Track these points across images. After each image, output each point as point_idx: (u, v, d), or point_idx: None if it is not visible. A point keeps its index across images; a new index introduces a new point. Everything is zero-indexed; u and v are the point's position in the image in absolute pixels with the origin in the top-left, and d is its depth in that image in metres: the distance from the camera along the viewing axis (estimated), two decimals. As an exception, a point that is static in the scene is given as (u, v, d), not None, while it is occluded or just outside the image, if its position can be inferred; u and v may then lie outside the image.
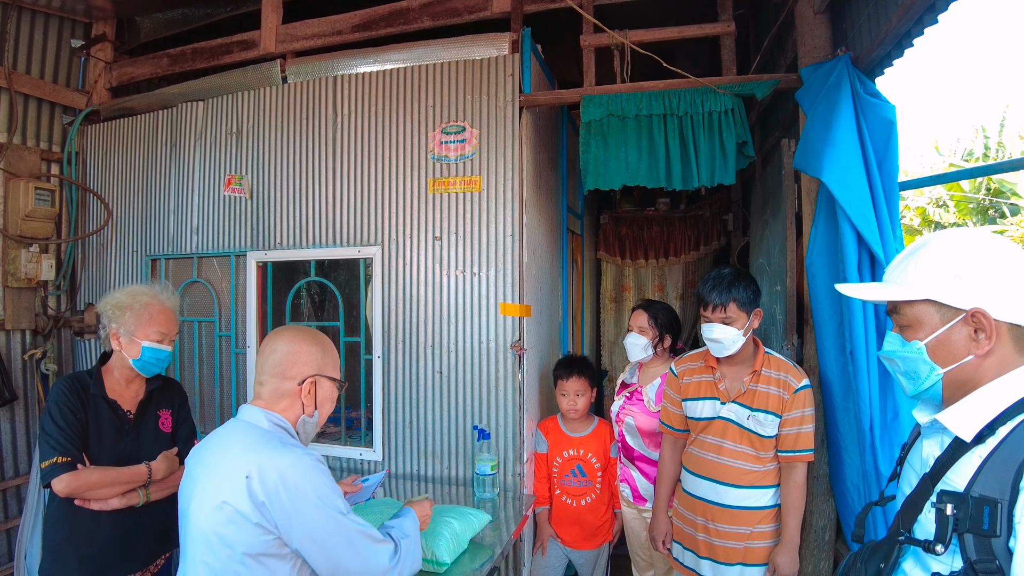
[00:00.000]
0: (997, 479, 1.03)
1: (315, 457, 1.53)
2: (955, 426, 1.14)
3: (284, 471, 1.44)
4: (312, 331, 1.76)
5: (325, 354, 1.70)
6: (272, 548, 1.45)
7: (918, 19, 2.18)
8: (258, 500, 1.42)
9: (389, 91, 3.16)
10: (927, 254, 1.19)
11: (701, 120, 2.72)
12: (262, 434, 1.54)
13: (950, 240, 1.20)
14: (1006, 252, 1.15)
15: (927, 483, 1.17)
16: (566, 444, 3.05)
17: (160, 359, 2.27)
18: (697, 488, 2.49)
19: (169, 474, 2.29)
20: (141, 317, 2.22)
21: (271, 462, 1.44)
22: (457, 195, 2.98)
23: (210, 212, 3.55)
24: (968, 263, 1.15)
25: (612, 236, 5.39)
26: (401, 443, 3.07)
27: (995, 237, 1.22)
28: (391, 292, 3.07)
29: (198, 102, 3.66)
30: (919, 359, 1.19)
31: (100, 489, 2.11)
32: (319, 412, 1.69)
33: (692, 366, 2.57)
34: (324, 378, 1.69)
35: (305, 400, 1.64)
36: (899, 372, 1.27)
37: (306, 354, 1.66)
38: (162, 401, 2.40)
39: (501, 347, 2.91)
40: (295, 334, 1.70)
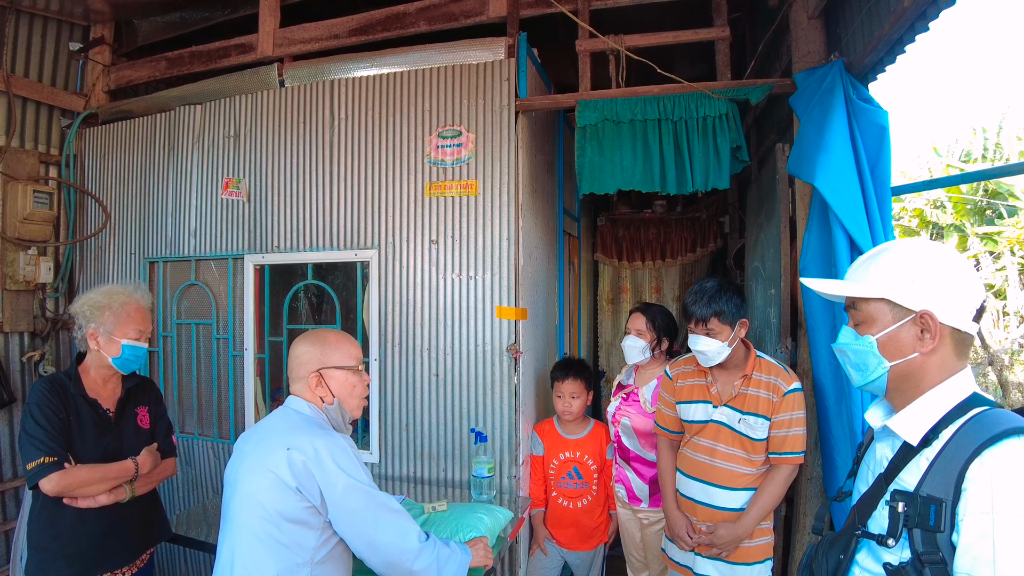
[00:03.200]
0: (942, 481, 1.13)
1: (348, 441, 1.75)
2: (903, 431, 1.25)
3: (319, 447, 1.65)
4: (317, 333, 1.93)
5: (326, 349, 1.85)
6: (306, 516, 1.64)
7: (910, 26, 2.19)
8: (297, 469, 1.62)
9: (386, 95, 3.18)
10: (887, 258, 1.30)
11: (696, 125, 2.74)
12: (303, 419, 1.77)
13: (908, 247, 1.30)
14: (956, 263, 1.26)
15: (881, 482, 1.28)
16: (562, 446, 3.07)
17: (139, 356, 2.33)
18: (689, 490, 2.50)
19: (154, 468, 2.36)
20: (120, 316, 2.28)
21: (308, 439, 1.66)
22: (453, 199, 2.99)
23: (208, 215, 3.56)
24: (922, 269, 1.25)
25: (610, 238, 5.40)
26: (398, 445, 3.08)
27: (948, 249, 1.36)
28: (388, 295, 3.09)
29: (196, 105, 3.67)
30: (869, 352, 1.29)
31: (89, 486, 2.16)
32: (342, 400, 1.85)
33: (686, 369, 2.58)
34: (331, 369, 1.83)
35: (318, 392, 1.82)
36: (849, 364, 1.36)
37: (305, 355, 1.84)
38: (139, 399, 2.45)
39: (497, 350, 2.92)
40: (298, 340, 1.90)
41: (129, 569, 2.35)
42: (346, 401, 1.86)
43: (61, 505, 2.15)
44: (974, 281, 1.26)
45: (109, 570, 2.28)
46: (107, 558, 2.27)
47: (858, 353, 1.32)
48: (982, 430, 1.13)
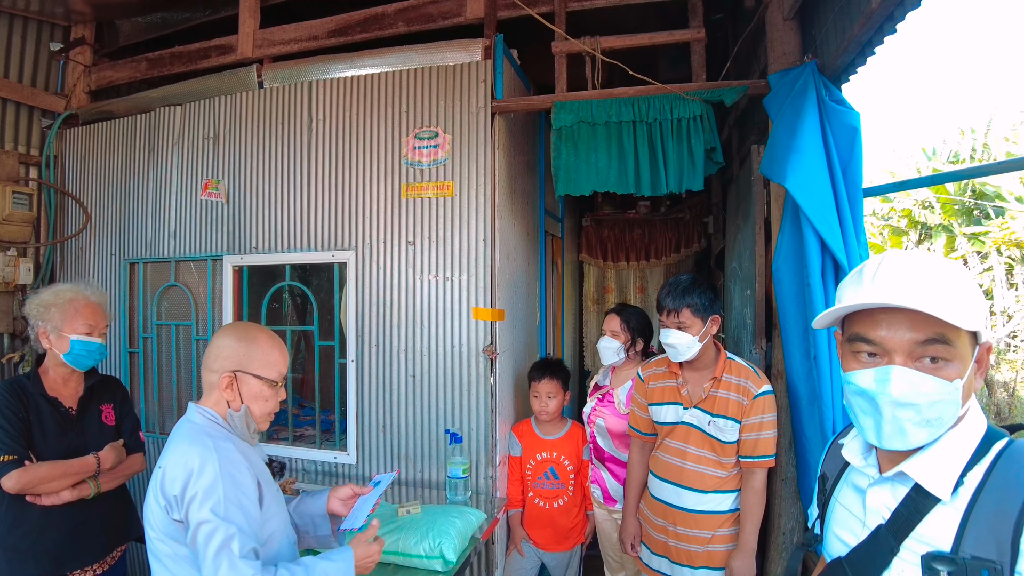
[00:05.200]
0: (991, 539, 0.96)
1: (238, 453, 1.60)
2: (930, 483, 1.05)
3: (188, 464, 1.50)
4: (248, 328, 1.78)
5: (251, 351, 1.69)
6: (178, 533, 1.53)
7: (878, 28, 2.20)
8: (165, 489, 1.51)
9: (364, 96, 3.18)
10: (961, 280, 1.06)
11: (670, 127, 2.75)
12: (191, 429, 1.62)
13: (941, 261, 1.10)
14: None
15: (886, 536, 1.10)
16: (539, 447, 3.07)
17: (91, 351, 2.32)
18: (661, 492, 2.51)
19: (118, 464, 2.37)
20: (66, 312, 2.28)
21: (182, 456, 1.52)
22: (430, 200, 2.99)
23: (187, 216, 3.55)
24: (975, 289, 1.08)
25: (594, 238, 5.41)
26: (375, 446, 3.08)
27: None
28: (365, 296, 3.09)
29: (176, 106, 3.66)
30: (953, 401, 1.04)
31: (50, 483, 2.16)
32: (250, 409, 1.69)
33: (657, 371, 2.59)
34: (247, 375, 1.68)
35: (227, 394, 1.67)
36: (909, 420, 1.05)
37: (227, 348, 1.69)
38: (103, 396, 2.46)
39: (473, 351, 2.92)
40: (227, 328, 1.78)
41: (100, 567, 2.37)
42: (254, 412, 1.71)
43: (26, 504, 2.17)
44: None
45: (79, 568, 2.30)
46: (76, 556, 2.29)
47: (937, 405, 1.03)
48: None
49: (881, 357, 1.08)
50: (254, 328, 1.78)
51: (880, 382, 1.06)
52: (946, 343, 1.02)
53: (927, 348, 1.03)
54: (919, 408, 1.03)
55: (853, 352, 1.12)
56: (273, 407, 1.75)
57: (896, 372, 1.04)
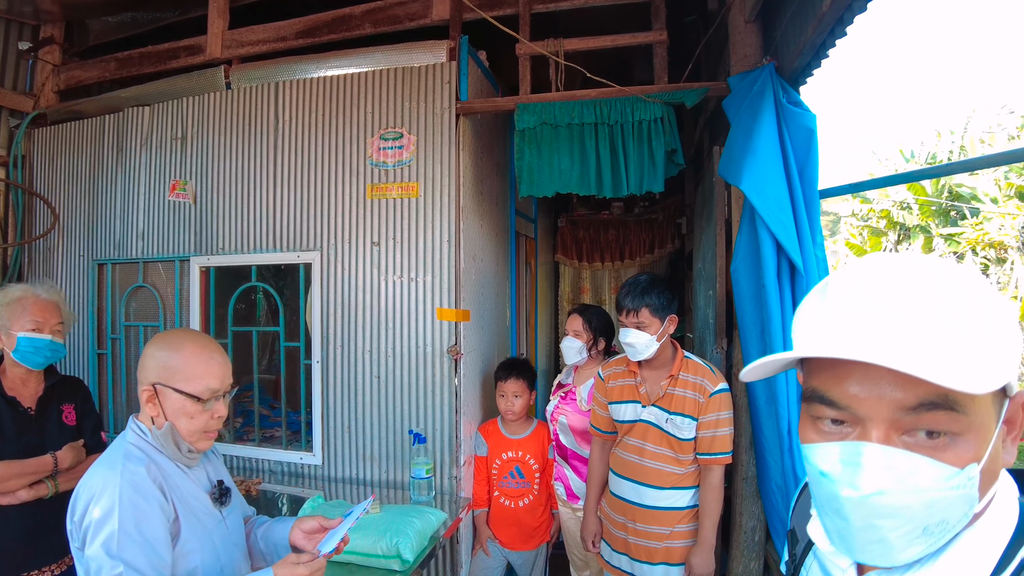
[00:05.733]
0: None
1: (140, 482, 1.42)
2: None
3: (91, 488, 1.41)
4: (179, 336, 1.62)
5: (174, 361, 1.52)
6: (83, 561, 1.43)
7: (830, 31, 2.23)
8: (70, 513, 1.43)
9: (330, 97, 3.18)
10: (977, 304, 0.67)
11: (631, 128, 2.77)
12: (115, 446, 1.52)
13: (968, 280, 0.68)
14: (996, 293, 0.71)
15: None
16: (505, 446, 3.09)
17: (39, 347, 2.29)
18: (621, 489, 2.54)
19: (77, 464, 2.34)
20: (14, 310, 2.26)
21: (90, 478, 1.44)
22: (395, 201, 3.00)
23: (155, 217, 3.54)
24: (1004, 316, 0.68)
25: (570, 239, 5.44)
26: (340, 447, 3.08)
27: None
28: (330, 297, 3.09)
29: (144, 107, 3.65)
30: (967, 497, 0.66)
31: (6, 481, 2.15)
32: (176, 426, 1.52)
33: (617, 370, 2.61)
34: (168, 389, 1.50)
35: (148, 409, 1.52)
36: (893, 531, 0.67)
37: (151, 358, 1.54)
38: (64, 396, 2.44)
39: (438, 352, 2.93)
40: (157, 336, 1.61)
41: (58, 567, 2.35)
42: (181, 430, 1.53)
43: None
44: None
45: (37, 568, 2.28)
46: (34, 556, 2.27)
47: (938, 505, 0.65)
48: None
49: (851, 425, 0.69)
50: (185, 336, 1.62)
51: (848, 465, 0.68)
52: (952, 409, 0.65)
53: (922, 417, 0.65)
54: (908, 513, 0.65)
55: (811, 417, 0.74)
56: (201, 425, 1.55)
57: (871, 453, 0.66)
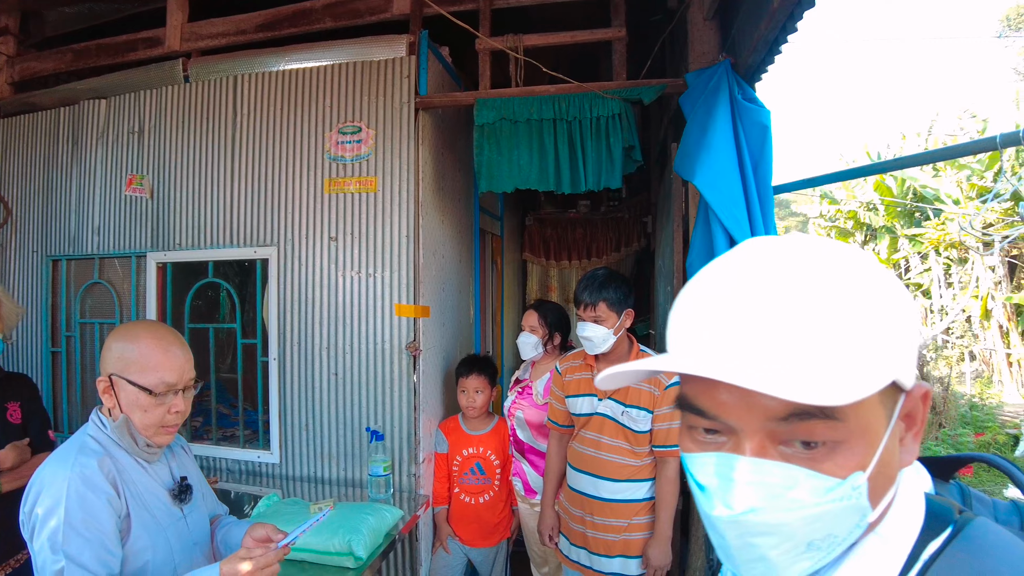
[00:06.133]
0: None
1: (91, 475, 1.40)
2: None
3: (42, 480, 1.40)
4: (136, 327, 1.58)
5: (129, 352, 1.50)
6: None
7: (782, 27, 2.26)
8: (23, 504, 1.41)
9: (289, 91, 3.14)
10: (860, 294, 0.59)
11: (589, 125, 2.77)
12: (73, 438, 1.50)
13: (854, 267, 0.61)
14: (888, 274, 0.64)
15: None
16: (466, 442, 3.08)
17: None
18: (578, 483, 2.54)
19: (20, 463, 2.28)
20: None
21: (42, 469, 1.42)
22: (353, 196, 2.97)
23: (111, 212, 3.47)
24: (896, 300, 0.62)
25: (537, 238, 5.44)
26: (298, 445, 3.05)
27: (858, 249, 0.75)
28: (287, 293, 3.05)
29: (101, 99, 3.58)
30: (855, 508, 0.60)
31: None
32: (131, 419, 1.50)
33: (574, 364, 2.62)
34: (123, 380, 1.48)
35: (104, 400, 1.51)
36: (773, 548, 0.61)
37: (109, 349, 1.52)
38: (8, 394, 2.38)
39: (396, 348, 2.91)
40: (118, 328, 1.59)
41: (3, 569, 2.29)
42: (136, 423, 1.50)
43: None
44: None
45: None
46: None
47: (821, 520, 0.59)
48: None
49: (725, 435, 0.64)
50: (144, 328, 1.59)
51: (722, 479, 0.62)
52: (829, 417, 0.58)
53: (795, 428, 0.59)
54: (787, 531, 0.59)
55: (687, 425, 0.68)
56: (156, 420, 1.52)
57: (742, 468, 0.61)
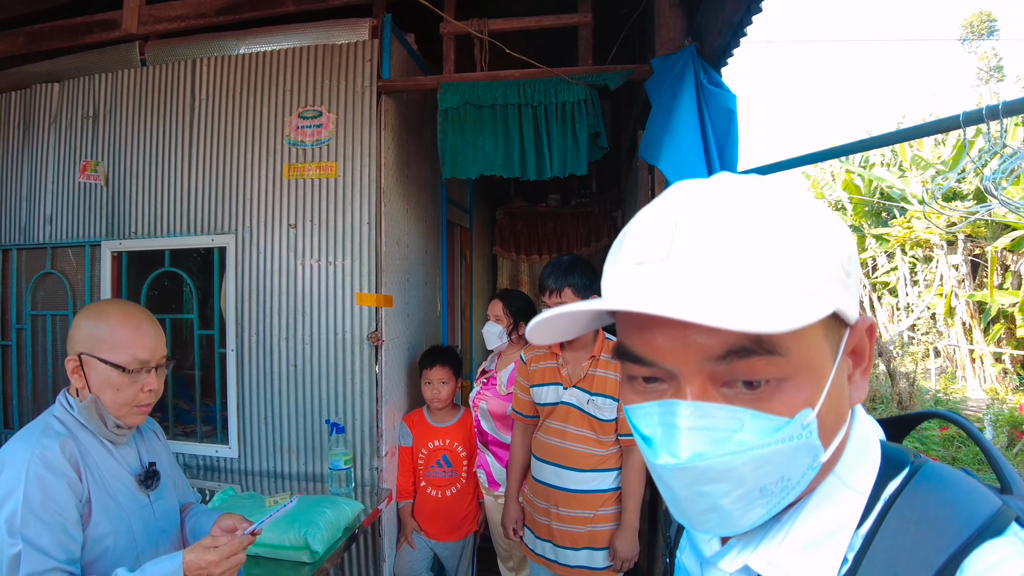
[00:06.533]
0: None
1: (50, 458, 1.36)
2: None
3: (2, 463, 1.35)
4: (105, 305, 1.55)
5: (99, 330, 1.47)
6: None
7: (746, 9, 2.25)
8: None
9: (249, 76, 3.06)
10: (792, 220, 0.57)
11: (555, 110, 2.73)
12: (38, 419, 1.46)
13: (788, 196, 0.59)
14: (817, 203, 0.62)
15: None
16: (431, 435, 3.02)
17: None
18: (542, 473, 2.50)
19: None
20: None
21: (2, 451, 1.38)
22: (313, 181, 2.90)
23: (64, 200, 3.35)
24: (833, 229, 0.59)
25: (508, 232, 5.40)
26: (257, 439, 2.96)
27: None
28: (245, 283, 2.96)
29: (54, 83, 3.46)
30: (805, 447, 0.57)
31: None
32: (101, 399, 1.47)
33: (539, 352, 2.58)
34: (93, 358, 1.46)
35: (73, 380, 1.48)
36: (724, 496, 0.57)
37: (77, 328, 1.48)
38: None
39: (358, 338, 2.84)
40: (87, 307, 1.55)
41: None
42: (106, 402, 1.48)
43: None
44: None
45: None
46: None
47: (771, 463, 0.56)
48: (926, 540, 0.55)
49: (665, 382, 0.60)
50: (113, 305, 1.55)
51: (666, 428, 0.59)
52: (769, 352, 0.55)
53: (735, 366, 0.56)
54: (737, 476, 0.56)
55: (628, 377, 0.64)
56: (129, 399, 1.49)
57: (684, 413, 0.57)
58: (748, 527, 0.60)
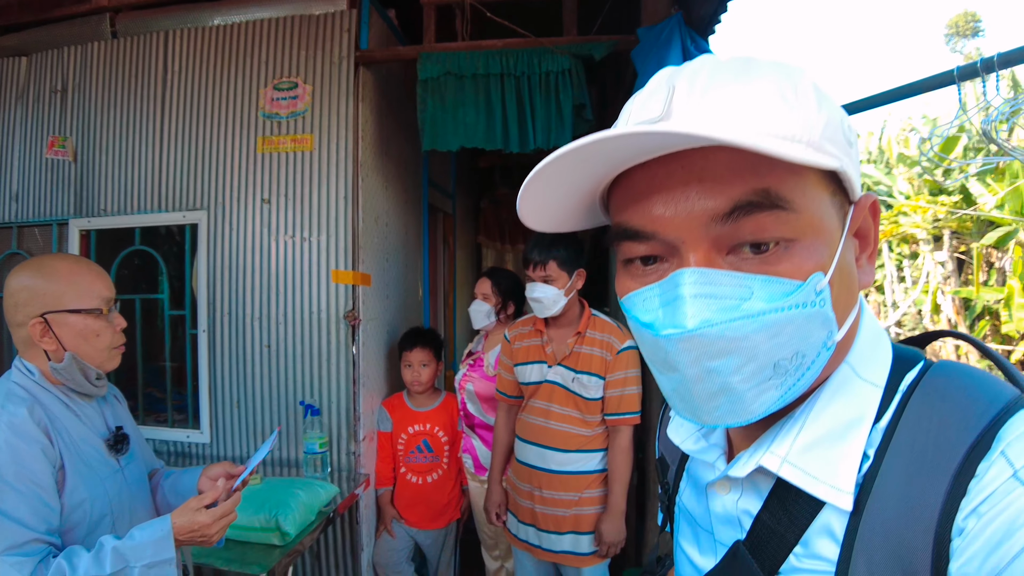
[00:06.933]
0: (893, 555, 0.49)
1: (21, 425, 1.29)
2: (807, 480, 0.55)
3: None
4: (42, 260, 1.46)
5: (55, 284, 1.40)
6: None
7: (733, -24, 2.18)
8: None
9: (223, 47, 2.95)
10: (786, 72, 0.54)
11: (538, 81, 2.65)
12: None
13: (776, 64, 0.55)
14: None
15: (746, 561, 0.60)
16: (412, 419, 2.92)
17: None
18: (526, 455, 2.41)
19: None
20: None
21: None
22: (288, 155, 2.79)
23: (31, 177, 3.22)
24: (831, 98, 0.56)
25: (492, 220, 5.32)
26: (229, 423, 2.85)
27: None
28: (217, 260, 2.85)
29: (21, 57, 3.33)
30: (819, 317, 0.52)
31: None
32: (80, 353, 1.42)
33: (523, 330, 2.49)
34: (62, 314, 1.39)
35: (44, 345, 1.38)
36: (735, 375, 0.52)
37: (24, 292, 1.38)
38: None
39: (334, 318, 2.74)
40: (16, 271, 1.42)
41: None
42: (87, 354, 1.43)
43: None
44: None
45: None
46: None
47: (784, 332, 0.51)
48: (955, 419, 0.50)
49: (666, 260, 0.56)
50: (51, 259, 1.47)
51: (669, 304, 0.53)
52: (776, 207, 0.51)
53: (741, 225, 0.51)
54: (749, 346, 0.51)
55: (624, 264, 0.60)
56: (109, 340, 1.47)
57: (688, 280, 0.52)
58: (760, 414, 0.54)
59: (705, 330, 0.51)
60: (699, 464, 0.73)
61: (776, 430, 0.58)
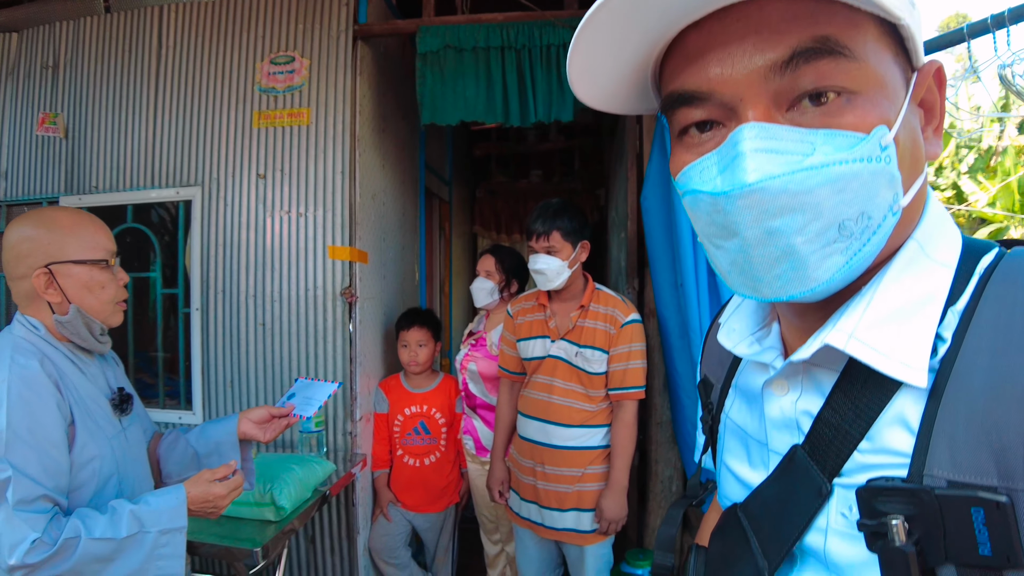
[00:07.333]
0: (982, 441, 0.45)
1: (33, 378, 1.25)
2: (876, 356, 0.50)
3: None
4: (43, 212, 1.42)
5: (58, 234, 1.36)
6: None
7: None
8: None
9: (220, 20, 2.90)
10: None
11: (539, 54, 2.60)
12: (1, 340, 1.33)
13: None
14: None
15: (805, 465, 0.56)
16: (408, 400, 2.87)
17: None
18: (528, 431, 2.36)
19: None
20: None
21: None
22: (284, 129, 2.74)
23: (21, 154, 3.16)
24: None
25: (488, 210, 5.28)
26: (222, 403, 2.79)
27: None
28: (211, 237, 2.79)
29: (12, 32, 3.27)
30: (883, 173, 0.49)
31: None
32: (84, 306, 1.39)
33: (526, 305, 2.44)
34: (66, 264, 1.36)
35: (48, 297, 1.35)
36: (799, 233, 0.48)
37: (24, 244, 1.34)
38: None
39: (330, 295, 2.69)
40: (14, 224, 1.39)
41: None
42: (91, 307, 1.39)
43: None
44: None
45: None
46: None
47: (849, 185, 0.48)
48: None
49: (724, 124, 0.53)
50: (51, 211, 1.43)
51: (728, 168, 0.50)
52: (835, 52, 0.48)
53: (801, 74, 0.48)
54: (813, 202, 0.48)
55: (679, 135, 0.56)
56: (114, 293, 1.44)
57: (748, 134, 0.49)
58: (824, 281, 0.50)
59: (767, 183, 0.48)
60: (751, 372, 0.69)
61: (841, 312, 0.54)
